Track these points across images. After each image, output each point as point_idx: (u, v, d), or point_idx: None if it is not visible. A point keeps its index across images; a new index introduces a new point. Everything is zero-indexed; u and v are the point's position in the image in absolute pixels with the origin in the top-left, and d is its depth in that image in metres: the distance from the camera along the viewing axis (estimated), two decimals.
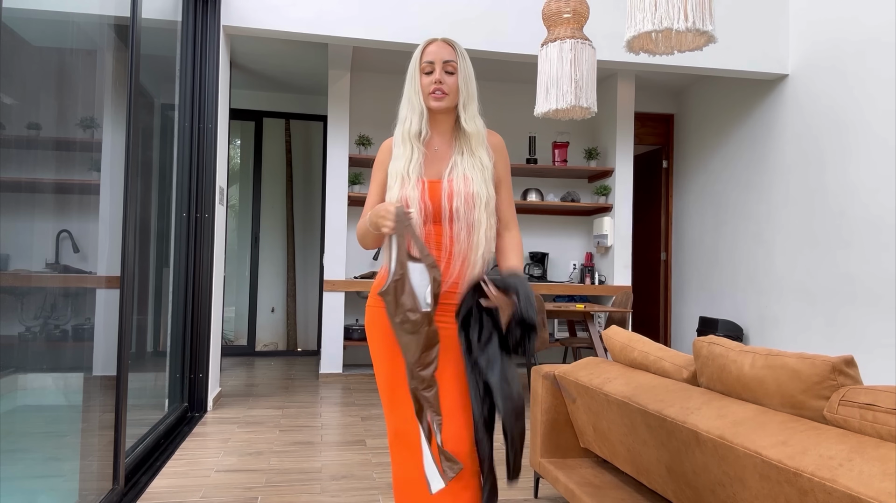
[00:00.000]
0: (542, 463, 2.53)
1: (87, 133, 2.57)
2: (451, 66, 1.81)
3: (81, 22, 2.57)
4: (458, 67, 1.83)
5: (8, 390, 1.94)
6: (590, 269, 6.03)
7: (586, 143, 6.59)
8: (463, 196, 1.76)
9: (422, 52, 1.84)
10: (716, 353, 1.82)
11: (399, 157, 1.82)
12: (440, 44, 1.83)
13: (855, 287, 4.42)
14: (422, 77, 1.83)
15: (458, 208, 1.76)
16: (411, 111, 1.84)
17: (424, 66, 1.82)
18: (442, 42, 1.84)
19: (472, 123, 1.84)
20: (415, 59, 1.85)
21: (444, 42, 1.84)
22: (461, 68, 1.83)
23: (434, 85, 1.80)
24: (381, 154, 1.90)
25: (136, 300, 3.16)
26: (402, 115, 1.86)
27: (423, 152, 1.82)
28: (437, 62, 1.81)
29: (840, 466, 1.26)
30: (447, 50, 1.82)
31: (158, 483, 2.92)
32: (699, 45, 2.02)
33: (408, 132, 1.82)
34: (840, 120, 4.59)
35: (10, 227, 1.90)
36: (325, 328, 5.52)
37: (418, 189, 1.77)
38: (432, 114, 1.85)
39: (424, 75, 1.82)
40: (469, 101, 1.84)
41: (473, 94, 1.86)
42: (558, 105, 2.54)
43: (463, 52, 1.85)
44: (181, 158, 4.16)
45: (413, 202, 1.77)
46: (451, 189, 1.78)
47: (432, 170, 1.82)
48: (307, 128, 7.11)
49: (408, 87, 1.86)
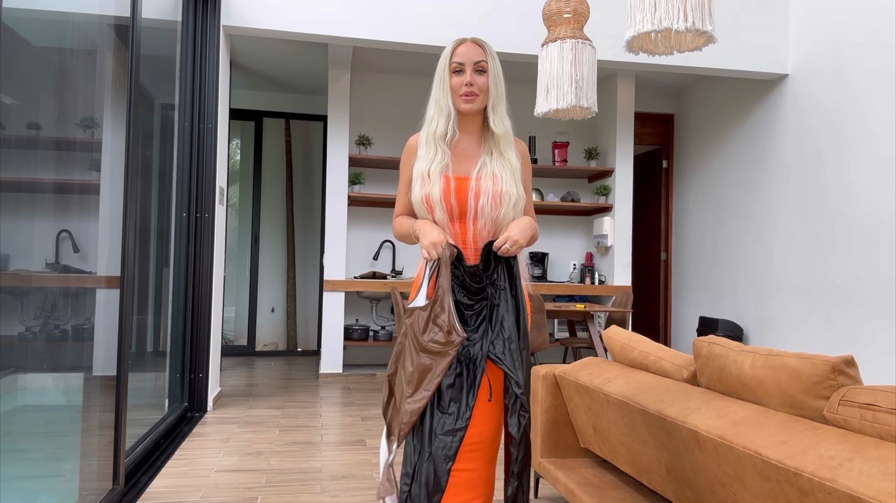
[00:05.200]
0: (541, 463, 2.53)
1: (87, 133, 2.57)
2: (481, 66, 1.80)
3: (81, 22, 2.57)
4: (489, 68, 1.81)
5: (8, 390, 1.94)
6: (590, 269, 6.03)
7: (586, 143, 6.59)
8: (490, 194, 1.76)
9: (451, 52, 1.82)
10: (716, 353, 1.82)
11: (423, 157, 1.82)
12: (470, 44, 1.81)
13: (855, 287, 4.42)
14: (451, 78, 1.81)
15: (484, 206, 1.76)
16: (438, 113, 1.82)
17: (454, 66, 1.80)
18: (472, 43, 1.82)
19: (502, 124, 1.83)
20: (444, 60, 1.83)
21: (473, 42, 1.82)
22: (491, 68, 1.82)
23: (465, 87, 1.78)
24: (405, 153, 1.90)
25: (136, 300, 3.16)
26: (428, 116, 1.85)
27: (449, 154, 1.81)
28: (467, 63, 1.80)
29: (840, 466, 1.26)
30: (477, 50, 1.81)
31: (158, 483, 2.93)
32: (699, 46, 2.01)
33: (433, 134, 1.81)
34: (840, 120, 4.59)
35: (10, 226, 1.90)
36: (325, 328, 5.52)
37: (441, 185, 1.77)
38: (461, 114, 1.83)
39: (454, 75, 1.80)
40: (498, 101, 1.83)
41: (502, 95, 1.85)
42: (559, 105, 2.54)
43: (493, 52, 1.83)
44: (181, 158, 4.16)
45: (436, 201, 1.77)
46: (478, 187, 1.77)
47: (460, 168, 1.81)
48: (307, 128, 7.11)
49: (436, 88, 1.84)
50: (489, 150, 1.83)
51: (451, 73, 1.80)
